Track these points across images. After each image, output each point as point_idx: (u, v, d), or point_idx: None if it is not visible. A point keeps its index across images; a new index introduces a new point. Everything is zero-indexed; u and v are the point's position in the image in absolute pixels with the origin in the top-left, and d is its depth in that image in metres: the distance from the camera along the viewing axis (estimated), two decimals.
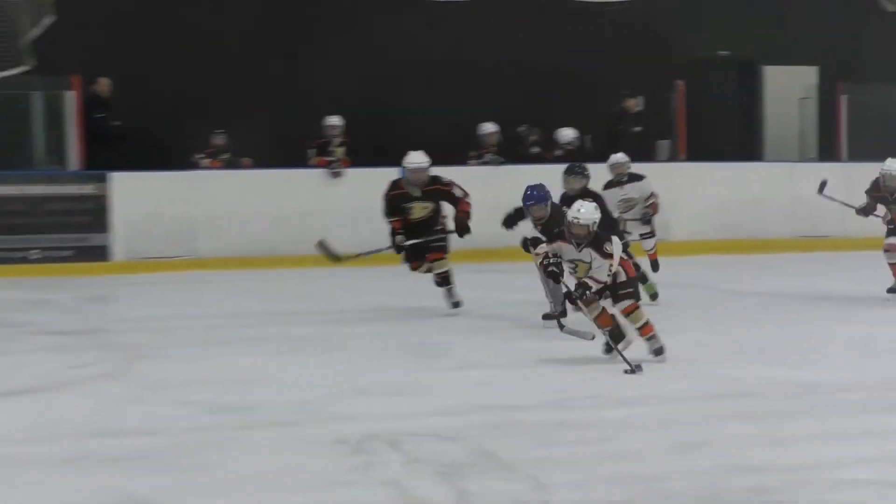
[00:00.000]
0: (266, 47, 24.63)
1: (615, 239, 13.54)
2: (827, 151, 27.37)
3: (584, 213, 13.16)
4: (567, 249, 13.27)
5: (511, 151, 24.02)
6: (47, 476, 9.69)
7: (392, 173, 18.53)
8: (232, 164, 23.17)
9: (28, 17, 22.93)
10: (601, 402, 12.19)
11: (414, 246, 17.07)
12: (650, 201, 19.19)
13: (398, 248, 17.13)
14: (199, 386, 12.72)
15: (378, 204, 17.68)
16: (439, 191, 17.17)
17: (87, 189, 22.41)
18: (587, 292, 13.17)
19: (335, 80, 24.13)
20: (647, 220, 19.21)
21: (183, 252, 21.23)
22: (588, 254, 13.13)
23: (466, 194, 17.29)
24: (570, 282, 14.06)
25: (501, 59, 25.68)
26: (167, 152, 22.57)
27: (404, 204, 17.05)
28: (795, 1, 28.69)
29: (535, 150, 25.23)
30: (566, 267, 13.39)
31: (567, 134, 25.62)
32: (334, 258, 17.32)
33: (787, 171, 18.37)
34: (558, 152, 25.16)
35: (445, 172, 19.05)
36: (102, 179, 22.38)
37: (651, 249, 19.43)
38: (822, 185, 19.40)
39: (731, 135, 27.18)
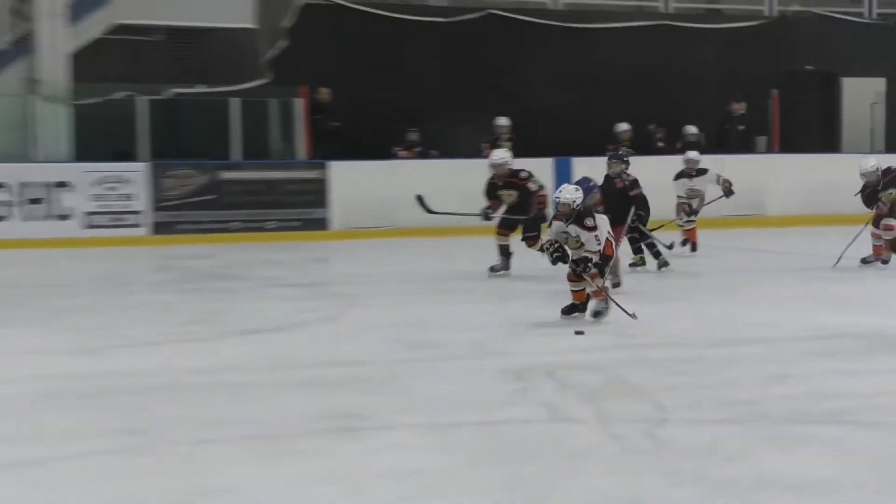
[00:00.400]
0: (448, 63, 24.27)
1: (601, 217, 13.03)
2: (892, 145, 27.01)
3: (565, 193, 12.69)
4: (558, 225, 12.73)
5: (641, 145, 23.58)
6: (281, 396, 9.92)
7: (544, 164, 18.55)
8: (422, 155, 23.12)
9: (267, 41, 23.15)
10: (711, 342, 12.13)
11: (503, 219, 16.64)
12: (722, 178, 18.99)
13: (485, 216, 16.71)
14: (397, 327, 12.74)
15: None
16: (514, 183, 16.50)
17: (312, 174, 22.45)
18: (588, 265, 12.64)
19: (507, 89, 23.95)
20: (728, 195, 19.05)
21: (385, 223, 21.30)
22: (574, 229, 12.59)
23: (541, 187, 16.69)
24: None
25: (636, 71, 25.39)
26: (373, 145, 22.43)
27: (497, 191, 16.57)
28: (866, 26, 28.39)
29: (661, 144, 24.76)
30: (560, 239, 12.72)
31: (691, 130, 25.14)
32: (427, 210, 16.69)
33: (860, 160, 18.22)
34: (679, 145, 24.74)
35: (588, 163, 19.07)
36: (323, 166, 22.40)
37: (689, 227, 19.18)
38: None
39: (815, 132, 26.74)
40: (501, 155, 16.90)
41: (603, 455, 8.10)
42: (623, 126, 24.29)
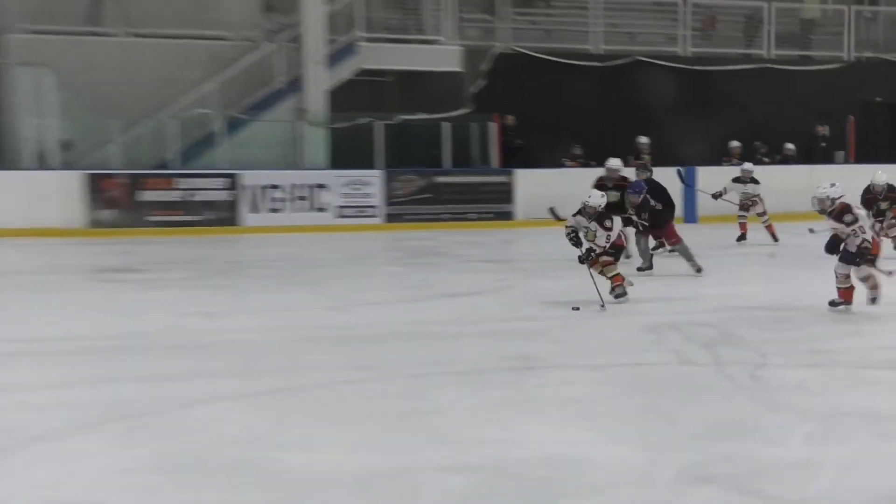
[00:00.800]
0: (603, 95, 24.41)
1: (616, 218, 12.77)
2: None
3: (592, 199, 12.28)
4: (583, 221, 12.30)
5: (749, 158, 23.10)
6: (478, 342, 10.47)
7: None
8: (584, 165, 22.75)
9: (470, 80, 23.41)
10: (797, 306, 12.39)
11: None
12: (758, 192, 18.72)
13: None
14: (565, 293, 12.69)
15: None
16: (622, 186, 15.57)
17: (502, 179, 22.54)
18: (592, 254, 12.26)
19: (647, 114, 23.85)
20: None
21: (563, 216, 21.65)
22: (594, 225, 12.23)
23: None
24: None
25: (744, 101, 25.15)
26: (546, 158, 22.87)
27: (605, 191, 14.32)
28: None
29: (765, 158, 24.24)
30: (581, 233, 12.38)
31: (789, 146, 24.98)
32: (557, 219, 14.75)
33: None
34: (777, 157, 24.71)
35: (707, 171, 19.69)
36: (510, 173, 22.53)
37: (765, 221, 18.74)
38: None
39: (883, 149, 25.90)
40: (616, 162, 16.40)
41: (717, 389, 8.57)
42: (735, 143, 23.70)
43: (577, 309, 11.90)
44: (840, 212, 11.37)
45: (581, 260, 12.33)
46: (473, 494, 6.16)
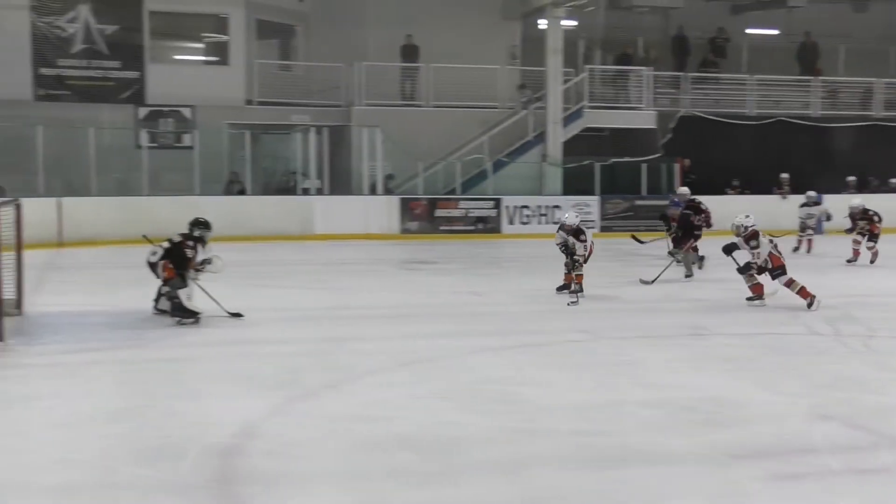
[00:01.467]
0: (756, 145, 23.39)
1: (588, 232, 11.47)
2: None
3: (568, 219, 11.25)
4: (563, 235, 11.21)
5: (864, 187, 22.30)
6: (662, 317, 10.29)
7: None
8: (740, 193, 22.29)
9: (661, 134, 22.80)
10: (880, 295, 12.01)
11: (675, 238, 13.79)
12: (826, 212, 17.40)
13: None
14: (727, 281, 12.46)
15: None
16: (695, 207, 13.86)
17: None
18: (576, 264, 11.16)
19: (787, 159, 22.94)
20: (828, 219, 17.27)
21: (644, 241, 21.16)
22: (571, 239, 11.11)
23: (705, 213, 13.90)
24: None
25: (858, 149, 23.80)
26: (713, 188, 21.57)
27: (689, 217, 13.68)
28: None
29: (875, 183, 23.37)
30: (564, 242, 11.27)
31: (893, 180, 23.42)
32: (639, 241, 13.76)
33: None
34: (885, 186, 23.41)
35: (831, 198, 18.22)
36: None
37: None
38: None
39: None
40: (684, 190, 15.15)
41: (837, 353, 8.44)
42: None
43: (575, 303, 10.88)
44: (749, 237, 10.81)
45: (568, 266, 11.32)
46: (660, 421, 6.15)
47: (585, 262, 11.31)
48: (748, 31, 26.38)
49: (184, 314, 9.23)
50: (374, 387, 7.02)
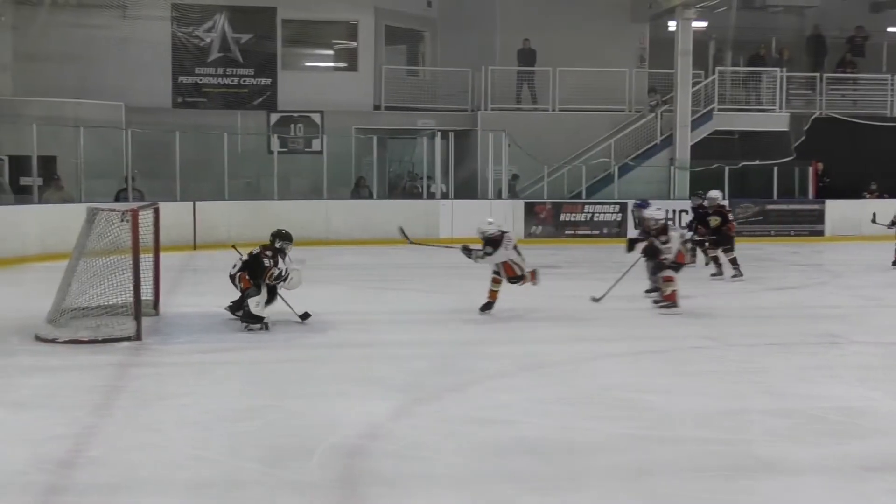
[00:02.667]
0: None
1: (509, 236, 10.35)
2: None
3: (490, 228, 10.19)
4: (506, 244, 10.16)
5: None
6: (790, 324, 10.06)
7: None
8: (879, 197, 21.38)
9: (794, 136, 22.18)
10: None
11: (711, 240, 13.62)
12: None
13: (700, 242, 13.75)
14: (863, 288, 12.33)
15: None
16: (721, 212, 13.72)
17: (815, 206, 21.21)
18: (473, 253, 10.20)
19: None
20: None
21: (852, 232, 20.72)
22: (489, 248, 10.13)
23: (732, 221, 13.90)
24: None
25: None
26: (849, 192, 21.51)
27: (706, 218, 13.79)
28: None
29: None
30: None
31: None
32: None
33: None
34: None
35: None
36: (822, 203, 21.28)
37: None
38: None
39: None
40: (715, 193, 14.32)
41: None
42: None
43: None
44: (659, 231, 10.70)
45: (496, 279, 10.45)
46: (787, 431, 6.03)
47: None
48: (889, 29, 25.49)
49: (251, 320, 9.29)
50: (495, 391, 7.07)
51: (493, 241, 10.26)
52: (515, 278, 10.47)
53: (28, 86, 18.97)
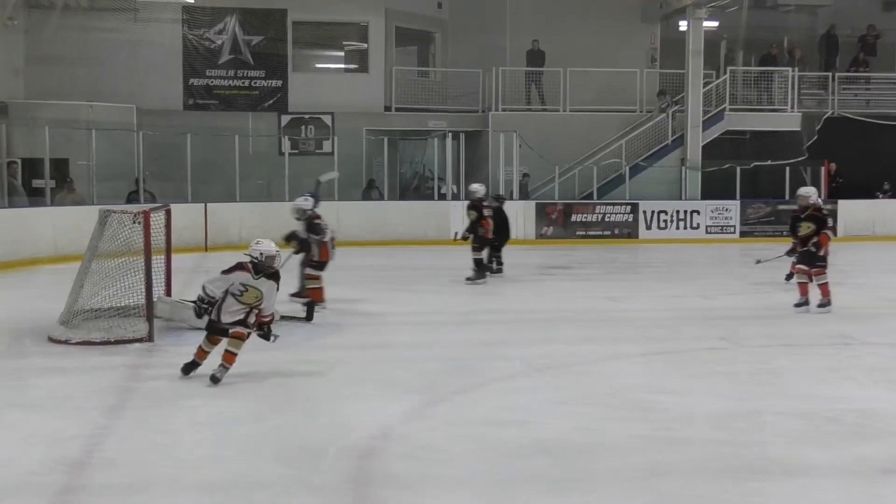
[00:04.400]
0: None
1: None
2: None
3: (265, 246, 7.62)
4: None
5: None
6: (803, 325, 9.97)
7: None
8: (892, 197, 21.63)
9: (806, 136, 22.01)
10: None
11: (801, 253, 10.74)
12: None
13: (789, 253, 11.24)
14: (879, 287, 12.10)
15: None
16: (816, 216, 10.79)
17: (828, 206, 18.67)
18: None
19: None
20: None
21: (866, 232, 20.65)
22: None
23: (832, 228, 11.03)
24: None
25: None
26: (861, 192, 21.28)
27: (796, 223, 10.91)
28: None
29: None
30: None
31: None
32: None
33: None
34: None
35: None
36: (834, 203, 20.09)
37: None
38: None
39: None
40: (806, 190, 11.32)
41: None
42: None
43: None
44: (308, 225, 10.15)
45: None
46: (803, 432, 6.01)
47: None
48: None
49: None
50: (508, 392, 7.06)
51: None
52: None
53: (40, 89, 19.01)
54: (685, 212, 20.61)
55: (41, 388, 7.03)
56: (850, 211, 21.17)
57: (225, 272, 7.25)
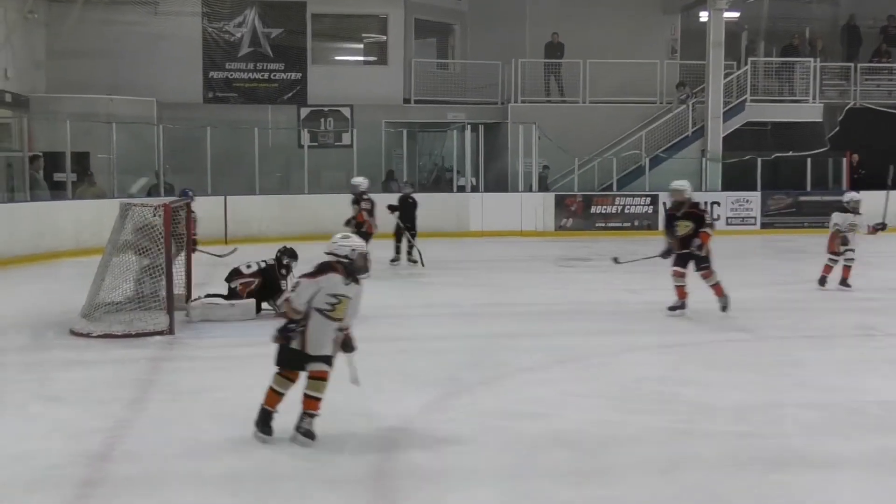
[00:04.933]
0: None
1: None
2: None
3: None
4: None
5: None
6: (825, 317, 9.93)
7: None
8: None
9: (828, 127, 22.02)
10: None
11: (679, 255, 9.93)
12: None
13: (664, 255, 10.18)
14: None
15: None
16: (693, 214, 9.90)
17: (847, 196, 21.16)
18: None
19: None
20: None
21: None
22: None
23: (711, 225, 9.92)
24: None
25: None
26: (883, 183, 21.16)
27: (673, 222, 9.98)
28: None
29: None
30: None
31: None
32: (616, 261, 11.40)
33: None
34: None
35: None
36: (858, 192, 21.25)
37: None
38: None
39: None
40: (680, 183, 10.33)
41: None
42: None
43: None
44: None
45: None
46: (824, 424, 6.00)
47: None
48: None
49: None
50: (529, 384, 7.06)
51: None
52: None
53: (61, 82, 19.15)
54: (706, 203, 20.19)
55: (63, 381, 7.07)
56: (870, 202, 20.83)
57: (308, 276, 5.57)
